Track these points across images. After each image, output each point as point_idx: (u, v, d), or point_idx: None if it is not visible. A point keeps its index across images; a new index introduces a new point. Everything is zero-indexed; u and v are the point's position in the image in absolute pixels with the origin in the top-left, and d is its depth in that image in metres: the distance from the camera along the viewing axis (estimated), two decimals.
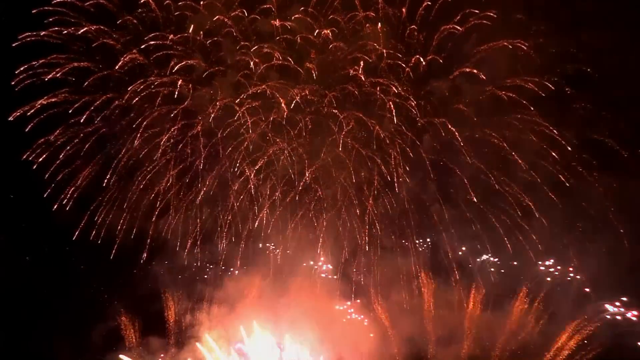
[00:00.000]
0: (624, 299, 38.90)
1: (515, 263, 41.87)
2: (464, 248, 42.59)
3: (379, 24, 39.03)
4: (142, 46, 37.95)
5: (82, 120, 37.77)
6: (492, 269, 42.89)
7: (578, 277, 40.22)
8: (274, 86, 40.46)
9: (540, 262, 41.03)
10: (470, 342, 40.50)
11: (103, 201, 39.45)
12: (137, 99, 38.42)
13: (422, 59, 38.62)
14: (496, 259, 42.89)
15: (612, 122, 36.96)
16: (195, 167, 40.57)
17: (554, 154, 37.41)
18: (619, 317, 38.55)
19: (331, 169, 41.56)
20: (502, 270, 42.48)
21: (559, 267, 41.14)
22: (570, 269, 40.78)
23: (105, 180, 38.94)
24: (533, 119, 37.62)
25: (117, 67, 37.61)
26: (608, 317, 38.54)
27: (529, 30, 36.86)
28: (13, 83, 36.25)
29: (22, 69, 36.29)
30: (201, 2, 38.60)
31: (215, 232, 41.55)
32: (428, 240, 44.16)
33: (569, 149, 37.02)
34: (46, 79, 36.64)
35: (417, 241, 43.05)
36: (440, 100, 39.91)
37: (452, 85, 39.47)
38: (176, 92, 38.60)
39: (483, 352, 39.96)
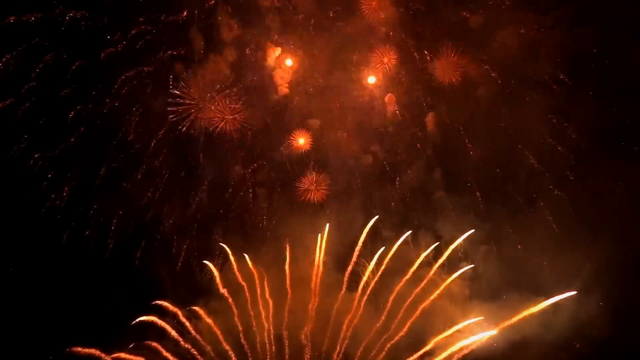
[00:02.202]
0: None
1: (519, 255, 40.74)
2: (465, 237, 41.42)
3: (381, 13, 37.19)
4: (133, 32, 35.74)
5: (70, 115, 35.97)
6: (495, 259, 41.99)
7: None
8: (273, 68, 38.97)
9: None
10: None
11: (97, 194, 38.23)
12: (126, 89, 36.59)
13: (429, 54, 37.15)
14: (499, 249, 41.83)
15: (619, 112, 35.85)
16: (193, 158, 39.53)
17: (560, 148, 36.91)
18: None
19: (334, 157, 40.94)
20: (506, 261, 41.51)
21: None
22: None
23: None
24: (542, 108, 36.56)
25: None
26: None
27: (542, 17, 35.37)
28: None
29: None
30: None
31: (214, 223, 41.05)
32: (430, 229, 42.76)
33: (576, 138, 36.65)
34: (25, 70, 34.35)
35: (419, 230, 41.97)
36: (447, 86, 38.47)
37: (460, 70, 37.90)
38: (170, 80, 37.10)
39: (485, 344, 39.51)
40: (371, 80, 39.61)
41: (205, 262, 39.70)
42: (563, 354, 38.49)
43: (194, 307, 38.33)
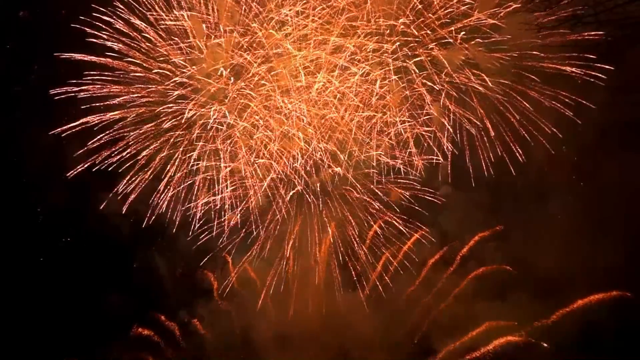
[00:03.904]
0: None
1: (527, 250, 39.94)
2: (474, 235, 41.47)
3: None
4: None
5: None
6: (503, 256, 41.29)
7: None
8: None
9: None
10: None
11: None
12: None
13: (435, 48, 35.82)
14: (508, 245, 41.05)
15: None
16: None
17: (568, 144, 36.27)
18: None
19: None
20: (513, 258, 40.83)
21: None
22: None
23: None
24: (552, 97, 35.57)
25: None
26: None
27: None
28: None
29: None
30: None
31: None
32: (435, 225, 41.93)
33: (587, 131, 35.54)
34: None
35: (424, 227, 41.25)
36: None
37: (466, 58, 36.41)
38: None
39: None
40: None
41: (204, 270, 39.75)
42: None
43: (192, 315, 38.40)
